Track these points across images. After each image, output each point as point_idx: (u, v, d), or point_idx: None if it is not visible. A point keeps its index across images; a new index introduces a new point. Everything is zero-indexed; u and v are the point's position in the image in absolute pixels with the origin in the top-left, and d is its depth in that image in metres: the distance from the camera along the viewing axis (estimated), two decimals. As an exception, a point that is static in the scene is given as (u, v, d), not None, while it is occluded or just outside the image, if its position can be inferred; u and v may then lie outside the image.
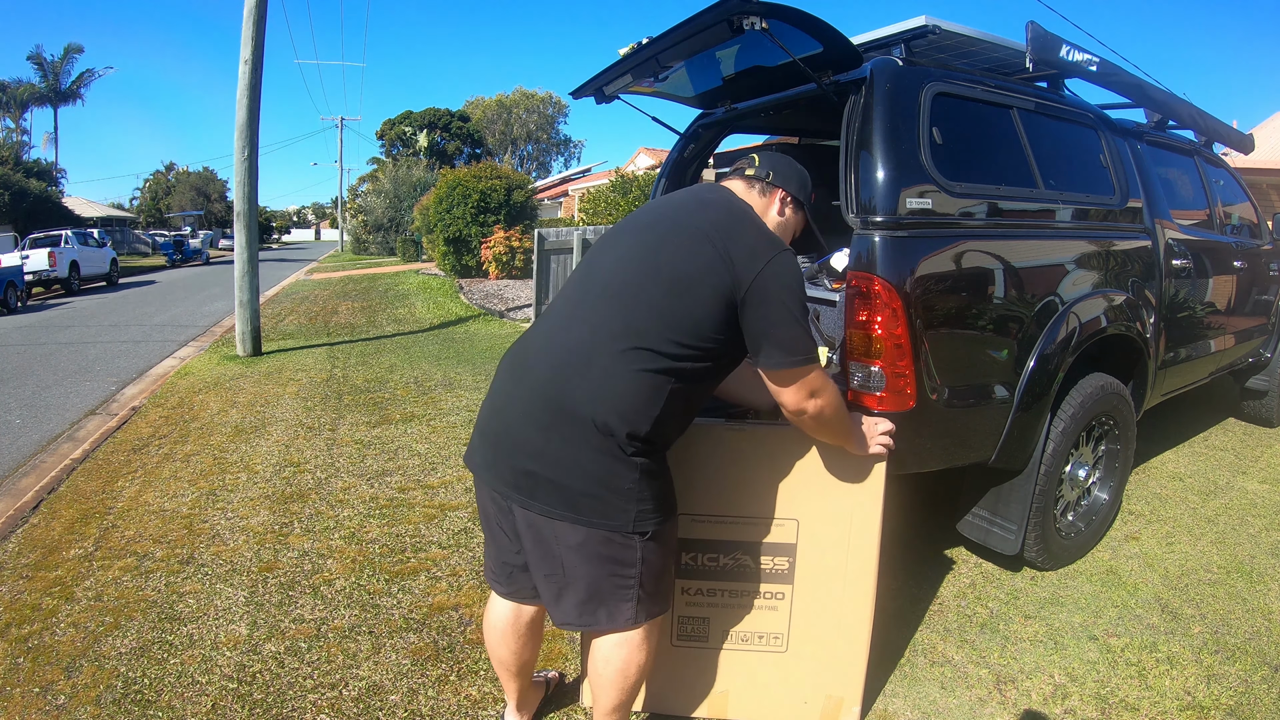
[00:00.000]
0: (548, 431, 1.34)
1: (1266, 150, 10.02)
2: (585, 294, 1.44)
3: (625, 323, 1.35)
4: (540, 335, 1.46)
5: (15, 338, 8.81)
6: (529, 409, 1.37)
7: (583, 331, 1.38)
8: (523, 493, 1.37)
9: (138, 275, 20.52)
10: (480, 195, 13.24)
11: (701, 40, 2.09)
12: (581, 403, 1.32)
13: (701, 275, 1.35)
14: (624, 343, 1.34)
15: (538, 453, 1.35)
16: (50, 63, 35.47)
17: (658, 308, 1.35)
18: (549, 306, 1.52)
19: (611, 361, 1.34)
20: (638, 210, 1.59)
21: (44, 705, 1.91)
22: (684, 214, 1.46)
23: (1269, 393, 4.18)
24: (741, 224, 1.43)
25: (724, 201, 1.49)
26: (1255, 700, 1.92)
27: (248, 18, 6.68)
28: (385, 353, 6.92)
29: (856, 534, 1.68)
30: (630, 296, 1.37)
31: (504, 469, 1.39)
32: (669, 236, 1.42)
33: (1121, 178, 2.79)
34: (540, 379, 1.38)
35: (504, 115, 45.98)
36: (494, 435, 1.42)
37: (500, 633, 1.62)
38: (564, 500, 1.34)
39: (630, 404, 1.33)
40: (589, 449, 1.33)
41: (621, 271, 1.42)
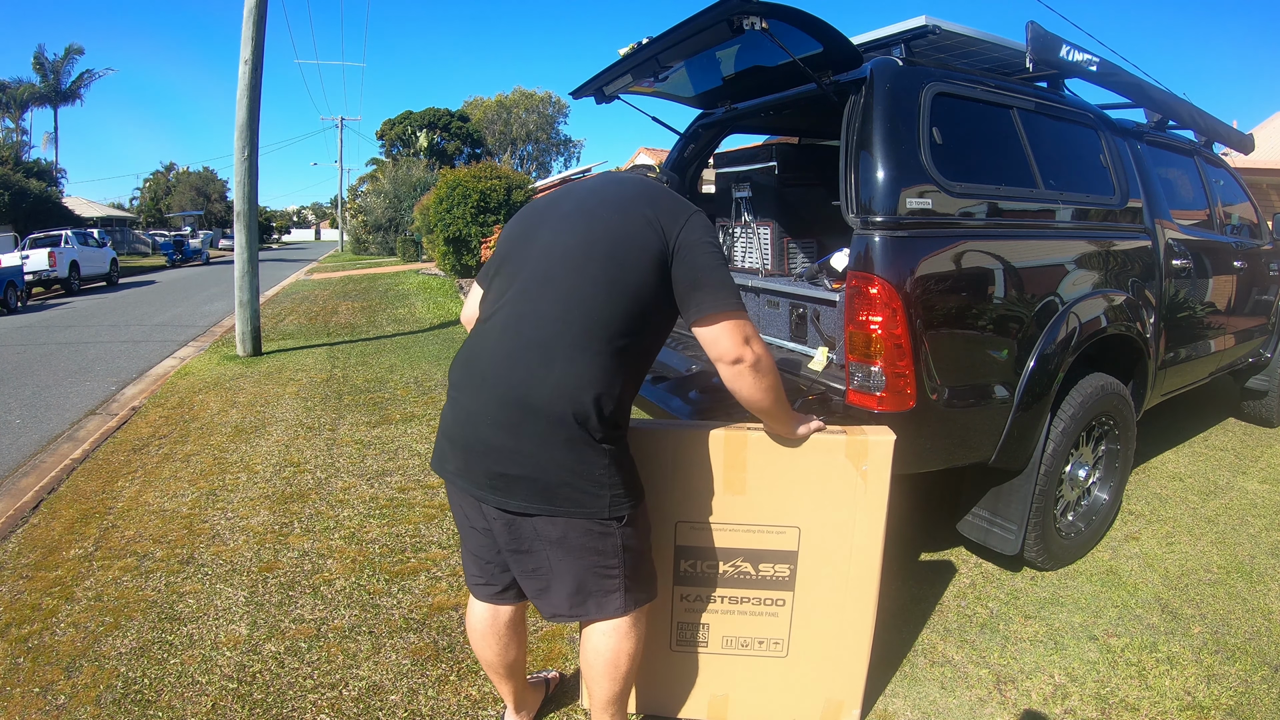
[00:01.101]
0: (518, 431, 1.35)
1: (1266, 150, 10.02)
2: (523, 289, 1.42)
3: (573, 307, 1.36)
4: (490, 337, 1.43)
5: (15, 338, 8.81)
6: (495, 413, 1.37)
7: (532, 326, 1.38)
8: (499, 493, 1.38)
9: (138, 275, 20.52)
10: (480, 195, 13.24)
11: (701, 40, 2.09)
12: (551, 398, 1.33)
13: (634, 241, 1.39)
14: (577, 327, 1.35)
15: (510, 453, 1.36)
16: (51, 63, 35.49)
17: (601, 284, 1.37)
18: (485, 308, 1.50)
19: (571, 350, 1.34)
20: (543, 202, 1.59)
21: (44, 705, 1.91)
22: (603, 193, 1.50)
23: (1269, 393, 4.18)
24: (656, 191, 1.50)
25: (636, 179, 1.57)
26: (1255, 700, 1.92)
27: (248, 18, 6.68)
28: (385, 353, 6.92)
29: (859, 543, 1.66)
30: (572, 280, 1.38)
31: (477, 473, 1.40)
32: (596, 214, 1.44)
33: (1121, 178, 2.79)
34: (502, 382, 1.37)
35: (504, 115, 45.97)
36: (463, 441, 1.42)
37: (481, 635, 1.63)
38: (540, 495, 1.36)
39: (598, 388, 1.35)
40: (561, 441, 1.34)
41: (556, 257, 1.42)
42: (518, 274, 1.45)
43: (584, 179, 1.63)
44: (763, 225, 3.04)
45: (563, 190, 1.58)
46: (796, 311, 2.62)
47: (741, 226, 3.15)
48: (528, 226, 1.53)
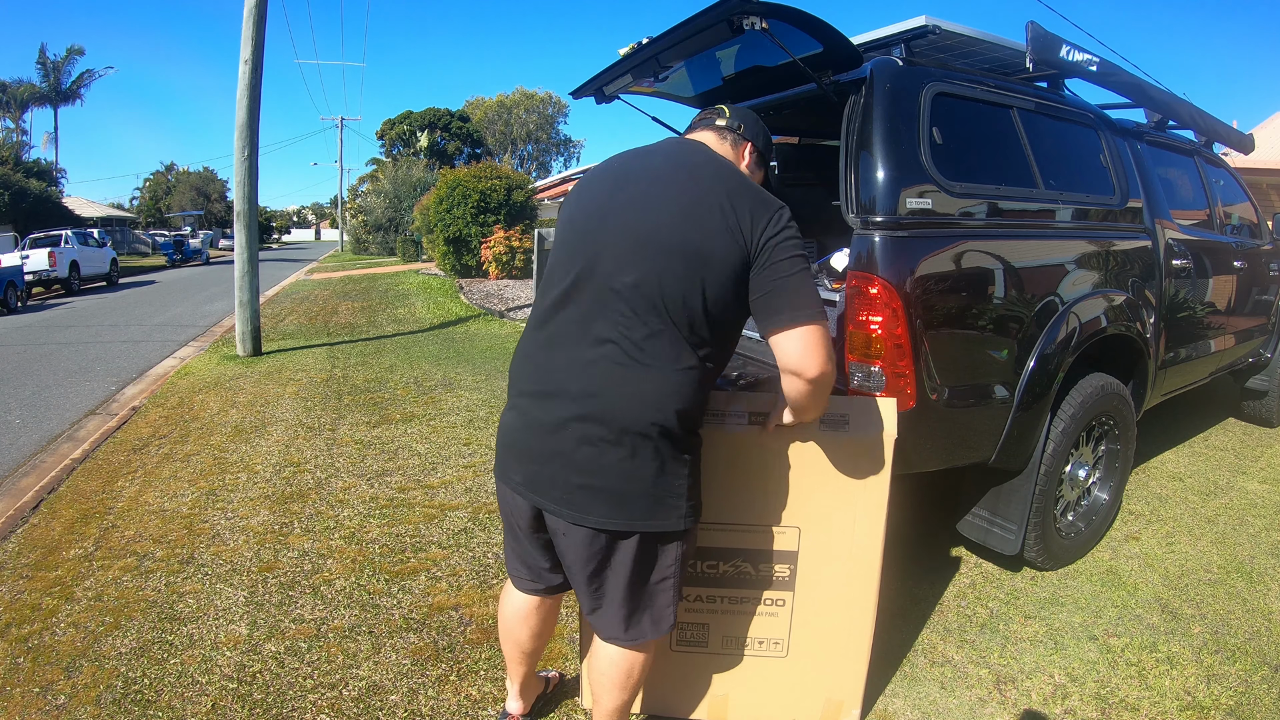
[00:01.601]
0: (600, 444, 1.30)
1: (1266, 150, 10.02)
2: (594, 291, 1.33)
3: (655, 314, 1.29)
4: (562, 340, 1.36)
5: (15, 338, 8.81)
6: (575, 427, 1.31)
7: (611, 332, 1.30)
8: (575, 508, 1.33)
9: (138, 275, 20.52)
10: (480, 195, 13.25)
11: (702, 40, 2.09)
12: (638, 413, 1.28)
13: (714, 246, 1.29)
14: (662, 337, 1.30)
15: (591, 467, 1.31)
16: (53, 63, 35.50)
17: (681, 292, 1.29)
18: (546, 307, 1.41)
19: (656, 361, 1.29)
20: (605, 181, 1.44)
21: (44, 705, 1.91)
22: (677, 186, 1.36)
23: (1269, 393, 4.18)
24: (737, 185, 1.36)
25: (712, 163, 1.41)
26: (1255, 700, 1.92)
27: (248, 18, 6.68)
28: (385, 353, 6.92)
29: (860, 543, 1.66)
30: (650, 288, 1.29)
31: (551, 486, 1.34)
32: (670, 213, 1.33)
33: (1121, 178, 2.79)
34: (581, 393, 1.31)
35: (504, 115, 45.98)
36: (537, 454, 1.36)
37: (519, 618, 1.62)
38: (622, 509, 1.32)
39: (683, 400, 1.31)
40: (648, 455, 1.30)
41: (628, 262, 1.31)
42: (587, 269, 1.35)
43: (651, 149, 1.47)
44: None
45: (626, 165, 1.45)
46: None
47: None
48: (593, 209, 1.40)
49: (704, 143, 1.49)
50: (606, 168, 1.48)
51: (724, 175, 1.38)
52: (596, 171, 1.49)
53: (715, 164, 1.40)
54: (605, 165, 1.49)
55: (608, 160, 1.51)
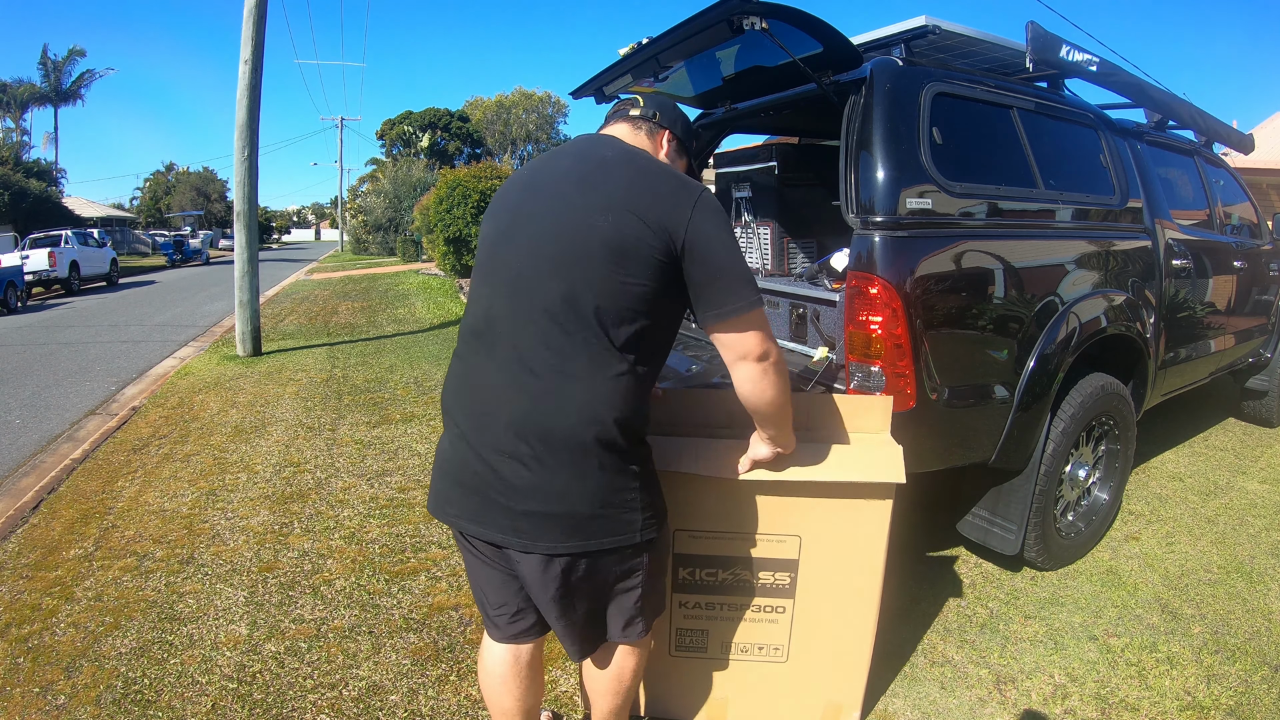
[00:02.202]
0: (540, 465, 1.23)
1: (1266, 150, 10.02)
2: (514, 304, 1.27)
3: (578, 323, 1.22)
4: (487, 361, 1.29)
5: (15, 338, 8.81)
6: (511, 448, 1.24)
7: (536, 346, 1.24)
8: (523, 536, 1.26)
9: (138, 275, 20.52)
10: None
11: (701, 40, 2.09)
12: (574, 425, 1.22)
13: (632, 244, 1.21)
14: (584, 350, 1.23)
15: (532, 490, 1.24)
16: (54, 63, 35.50)
17: (606, 293, 1.21)
18: (470, 329, 1.35)
19: (584, 370, 1.23)
20: (516, 190, 1.37)
21: (44, 705, 1.91)
22: (586, 185, 1.27)
23: (1269, 393, 4.18)
24: (652, 174, 1.28)
25: (624, 155, 1.31)
26: (1255, 700, 1.92)
27: (248, 18, 6.68)
28: (385, 353, 6.92)
29: (861, 552, 1.64)
30: (568, 297, 1.22)
31: (496, 516, 1.27)
32: (581, 215, 1.24)
33: (1121, 178, 2.79)
34: (513, 412, 1.24)
35: (504, 115, 45.98)
36: (473, 483, 1.28)
37: (502, 680, 1.47)
38: (572, 530, 1.25)
39: (619, 408, 1.24)
40: (592, 469, 1.24)
41: (546, 265, 1.24)
42: (505, 285, 1.29)
43: (560, 151, 1.39)
44: (763, 225, 3.04)
45: (535, 172, 1.37)
46: (796, 311, 2.62)
47: (741, 226, 3.15)
48: (505, 222, 1.34)
49: (616, 136, 1.41)
50: (516, 179, 1.40)
51: (638, 167, 1.29)
52: (508, 184, 1.41)
53: (628, 157, 1.31)
54: (516, 176, 1.41)
55: (519, 170, 1.43)
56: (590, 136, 1.42)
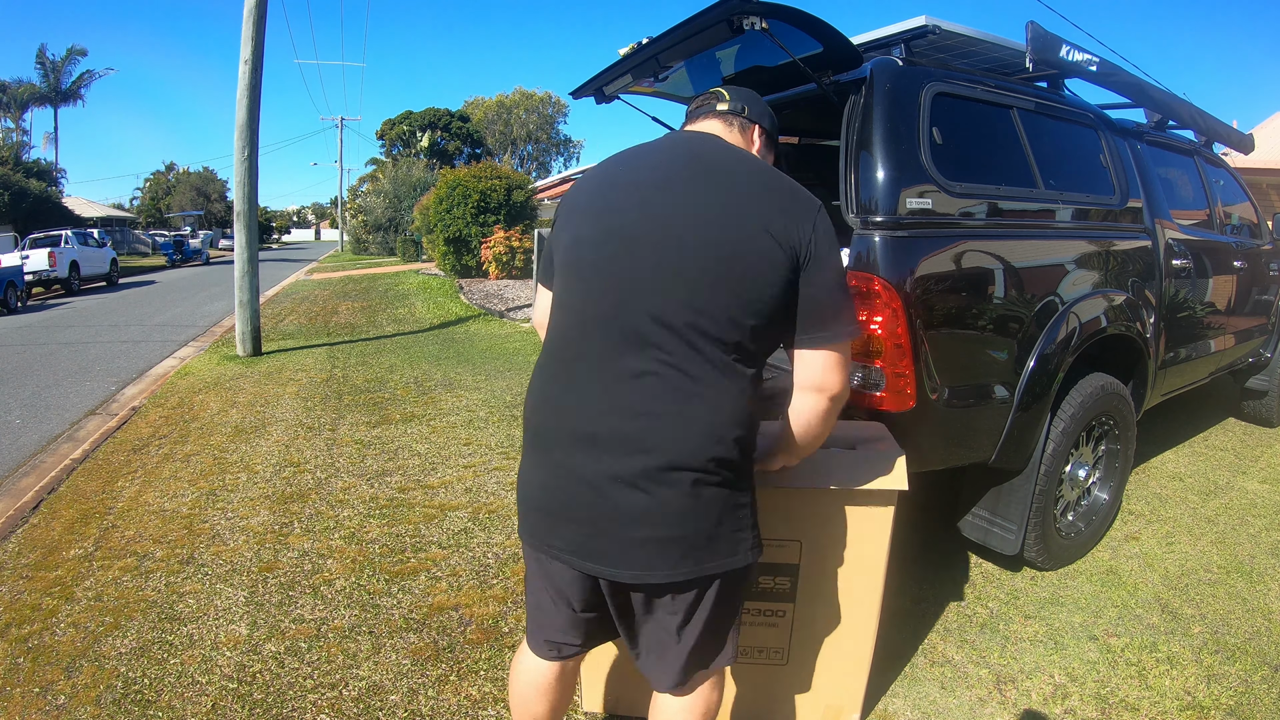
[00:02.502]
0: (661, 491, 1.15)
1: (1266, 150, 10.02)
2: (627, 320, 1.17)
3: (701, 341, 1.16)
4: (591, 374, 1.20)
5: (15, 338, 8.81)
6: (627, 473, 1.16)
7: (656, 366, 1.16)
8: (639, 565, 1.18)
9: (138, 275, 20.53)
10: (480, 195, 13.26)
11: (702, 40, 2.09)
12: (695, 448, 1.16)
13: (762, 257, 1.16)
14: (709, 365, 1.16)
15: (653, 517, 1.16)
16: (53, 63, 35.51)
17: (729, 311, 1.16)
18: (564, 342, 1.25)
19: (709, 388, 1.17)
20: (617, 186, 1.27)
21: (44, 705, 1.91)
22: (709, 194, 1.20)
23: (1269, 393, 4.18)
24: (775, 184, 1.23)
25: (740, 161, 1.25)
26: (1255, 700, 1.92)
27: (248, 18, 6.68)
28: (385, 353, 6.92)
29: (863, 557, 1.64)
30: (695, 310, 1.15)
31: (609, 546, 1.18)
32: (709, 225, 1.17)
33: (1121, 178, 2.79)
34: (627, 434, 1.16)
35: (504, 115, 46.00)
36: (583, 514, 1.19)
37: (538, 691, 1.42)
38: (692, 555, 1.18)
39: (741, 426, 1.19)
40: (712, 492, 1.18)
41: (668, 284, 1.16)
42: (617, 297, 1.18)
43: (658, 148, 1.30)
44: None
45: (635, 172, 1.27)
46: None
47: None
48: (606, 225, 1.23)
49: (715, 135, 1.34)
50: (611, 178, 1.30)
51: (757, 174, 1.23)
52: (600, 182, 1.30)
53: (743, 162, 1.26)
54: (608, 174, 1.31)
55: (608, 167, 1.33)
56: (689, 135, 1.34)
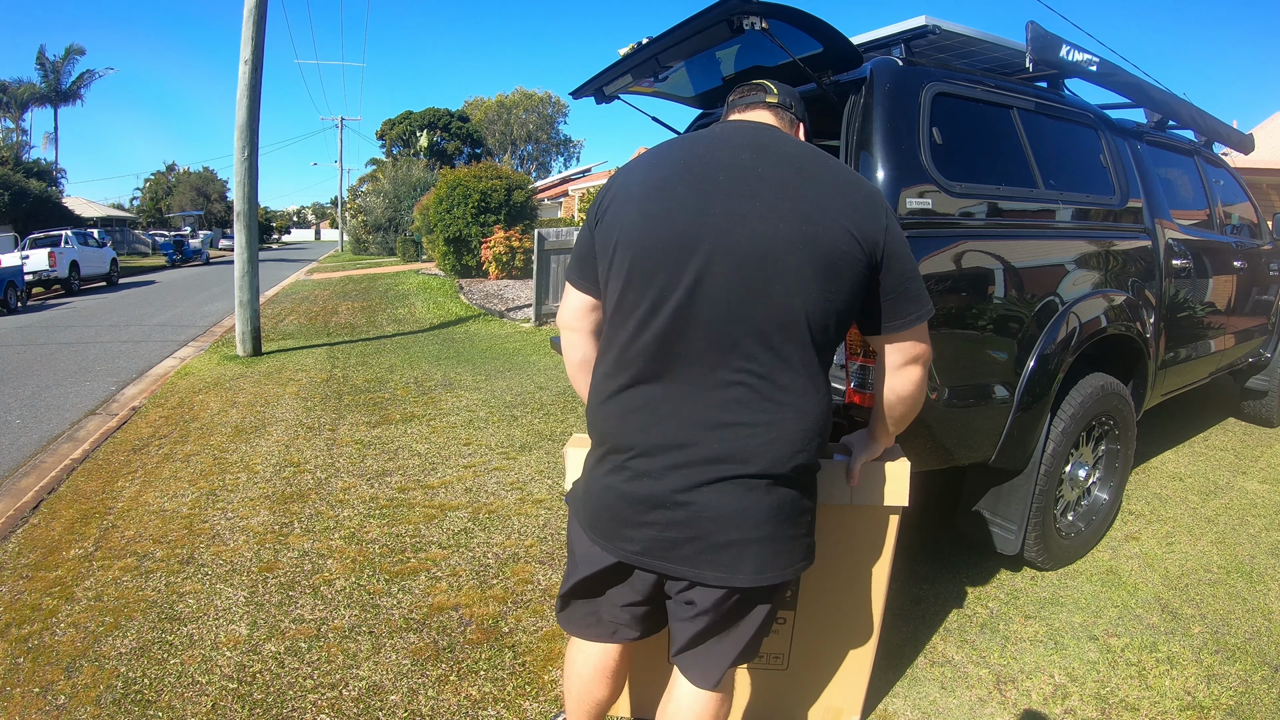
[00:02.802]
0: (748, 497, 1.16)
1: (1266, 150, 10.01)
2: (705, 326, 1.14)
3: (786, 346, 1.14)
4: (673, 393, 1.17)
5: (15, 338, 8.81)
6: (716, 480, 1.15)
7: (736, 374, 1.15)
8: (721, 568, 1.18)
9: (138, 275, 20.52)
10: (480, 195, 13.26)
11: (702, 40, 2.09)
12: (781, 455, 1.16)
13: (844, 256, 1.14)
14: (794, 371, 1.16)
15: (739, 522, 1.16)
16: (52, 63, 35.50)
17: (815, 313, 1.14)
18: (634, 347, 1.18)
19: (791, 398, 1.16)
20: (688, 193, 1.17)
21: (44, 705, 1.91)
22: (788, 190, 1.15)
23: (1269, 393, 4.18)
24: (848, 180, 1.21)
25: (812, 157, 1.21)
26: (1255, 700, 1.92)
27: (248, 18, 6.68)
28: (385, 353, 6.92)
29: (864, 567, 1.64)
30: (780, 313, 1.13)
31: (690, 549, 1.18)
32: (791, 223, 1.13)
33: (1121, 178, 2.79)
34: (720, 445, 1.15)
35: (504, 115, 46.02)
36: (664, 517, 1.18)
37: (599, 675, 1.43)
38: (773, 560, 1.20)
39: (823, 433, 1.21)
40: (791, 498, 1.19)
41: (751, 286, 1.12)
42: (694, 298, 1.13)
43: (719, 139, 1.23)
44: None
45: (702, 165, 1.19)
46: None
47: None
48: (680, 227, 1.14)
49: (773, 126, 1.31)
50: (667, 174, 1.21)
51: (832, 171, 1.20)
52: (656, 179, 1.21)
53: (815, 158, 1.22)
54: (662, 170, 1.22)
55: (659, 163, 1.24)
56: (748, 125, 1.29)
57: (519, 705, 1.89)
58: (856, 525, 1.61)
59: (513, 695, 1.92)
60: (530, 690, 1.94)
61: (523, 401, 4.95)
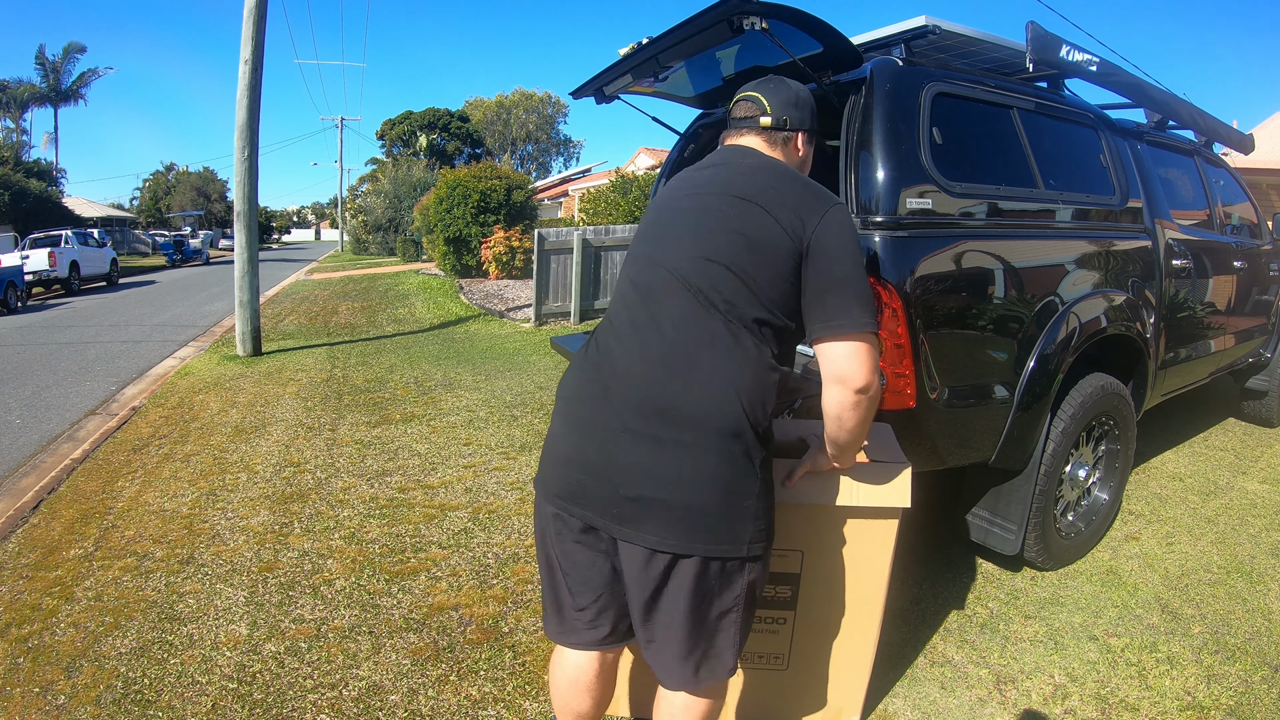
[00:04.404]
0: (660, 446, 1.18)
1: (1266, 150, 10.01)
2: (651, 290, 1.28)
3: (719, 303, 1.22)
4: (618, 344, 1.28)
5: (15, 338, 8.81)
6: (633, 425, 1.19)
7: (671, 327, 1.23)
8: (628, 524, 1.20)
9: (138, 275, 20.52)
10: (480, 195, 13.25)
11: (702, 40, 2.09)
12: (700, 404, 1.18)
13: (773, 237, 1.23)
14: (725, 326, 1.21)
15: (648, 473, 1.18)
16: (52, 62, 35.50)
17: (748, 277, 1.22)
18: (608, 319, 1.36)
19: (719, 352, 1.21)
20: (666, 196, 1.42)
21: (44, 705, 1.91)
22: (731, 187, 1.32)
23: (1269, 393, 4.18)
24: (789, 179, 1.32)
25: (762, 166, 1.36)
26: (1255, 700, 1.92)
27: (248, 18, 6.68)
28: (385, 353, 6.92)
29: (864, 568, 1.64)
30: (714, 273, 1.23)
31: (606, 496, 1.21)
32: (730, 206, 1.28)
33: (1121, 178, 2.79)
34: (641, 389, 1.21)
35: (503, 116, 46.00)
36: (582, 461, 1.24)
37: (583, 687, 1.41)
38: (679, 524, 1.18)
39: (750, 395, 1.20)
40: (713, 457, 1.18)
41: (693, 251, 1.26)
42: (648, 276, 1.31)
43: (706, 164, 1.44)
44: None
45: (688, 181, 1.41)
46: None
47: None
48: (657, 222, 1.39)
49: (754, 149, 1.42)
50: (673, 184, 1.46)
51: (776, 171, 1.34)
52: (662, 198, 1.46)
53: (764, 165, 1.36)
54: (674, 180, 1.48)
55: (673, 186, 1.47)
56: (733, 149, 1.44)
57: (519, 705, 1.89)
58: (857, 526, 1.61)
59: (513, 695, 1.92)
60: (530, 690, 1.94)
61: (523, 401, 4.96)
